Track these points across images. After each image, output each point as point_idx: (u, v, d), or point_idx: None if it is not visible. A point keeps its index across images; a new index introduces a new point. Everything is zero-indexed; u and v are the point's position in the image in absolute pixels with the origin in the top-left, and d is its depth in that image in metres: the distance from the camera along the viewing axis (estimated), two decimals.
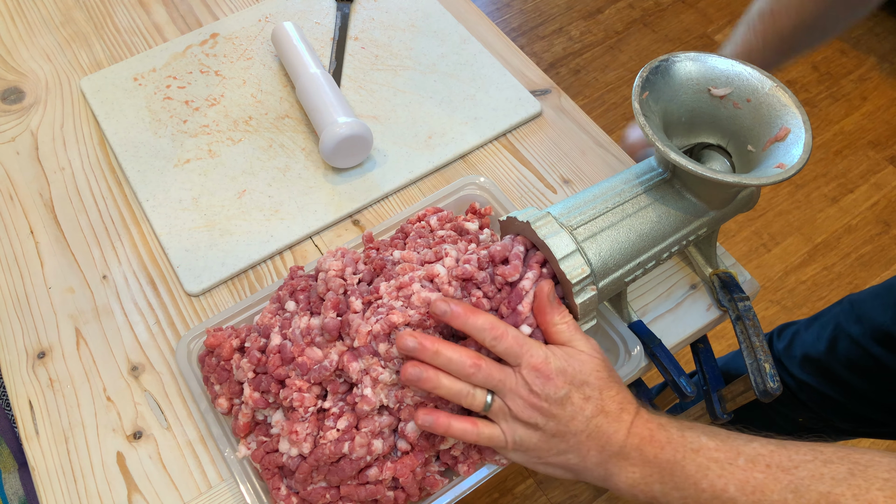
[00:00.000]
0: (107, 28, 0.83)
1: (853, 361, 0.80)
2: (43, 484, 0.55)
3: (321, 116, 0.68)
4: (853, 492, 0.40)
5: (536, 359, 0.47)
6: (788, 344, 0.91)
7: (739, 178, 0.49)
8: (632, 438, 0.46)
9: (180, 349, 0.57)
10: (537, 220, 0.50)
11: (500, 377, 0.47)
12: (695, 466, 0.44)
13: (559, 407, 0.46)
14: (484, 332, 0.47)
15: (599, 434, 0.46)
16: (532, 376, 0.46)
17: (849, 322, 0.81)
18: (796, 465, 0.43)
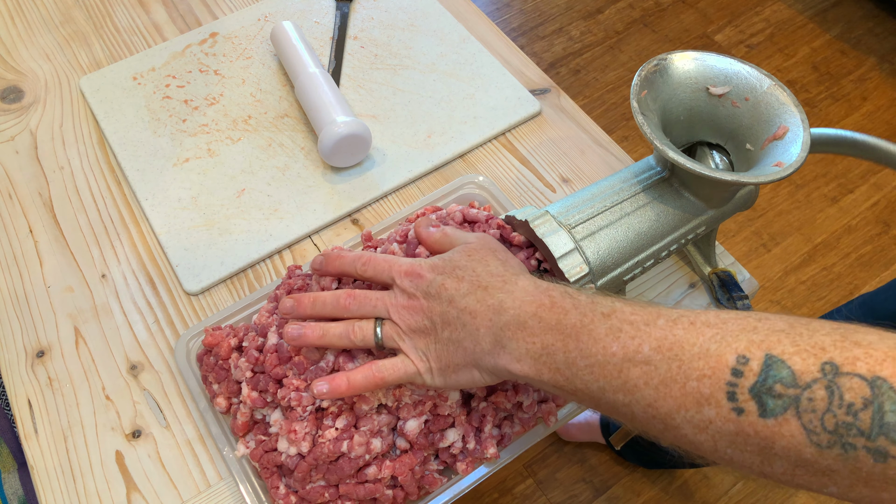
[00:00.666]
0: (106, 27, 0.83)
1: None
2: (42, 483, 0.55)
3: (320, 115, 0.68)
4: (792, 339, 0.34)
5: (405, 265, 0.46)
6: None
7: (738, 177, 0.49)
8: (527, 307, 0.41)
9: (179, 348, 0.57)
10: (536, 218, 0.50)
11: (377, 297, 0.46)
12: (605, 329, 0.39)
13: (436, 299, 0.44)
14: (353, 266, 0.47)
15: (483, 309, 0.42)
16: (406, 283, 0.46)
17: (857, 314, 0.81)
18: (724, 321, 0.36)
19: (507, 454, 0.53)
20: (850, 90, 1.78)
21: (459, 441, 0.51)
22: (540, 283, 0.43)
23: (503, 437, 0.52)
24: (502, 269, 0.45)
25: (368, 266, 0.47)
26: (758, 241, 1.55)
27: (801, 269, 1.51)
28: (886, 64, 1.83)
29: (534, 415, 0.53)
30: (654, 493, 1.26)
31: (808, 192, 1.62)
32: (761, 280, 1.49)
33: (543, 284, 0.43)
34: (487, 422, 0.51)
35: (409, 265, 0.46)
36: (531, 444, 0.53)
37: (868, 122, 1.72)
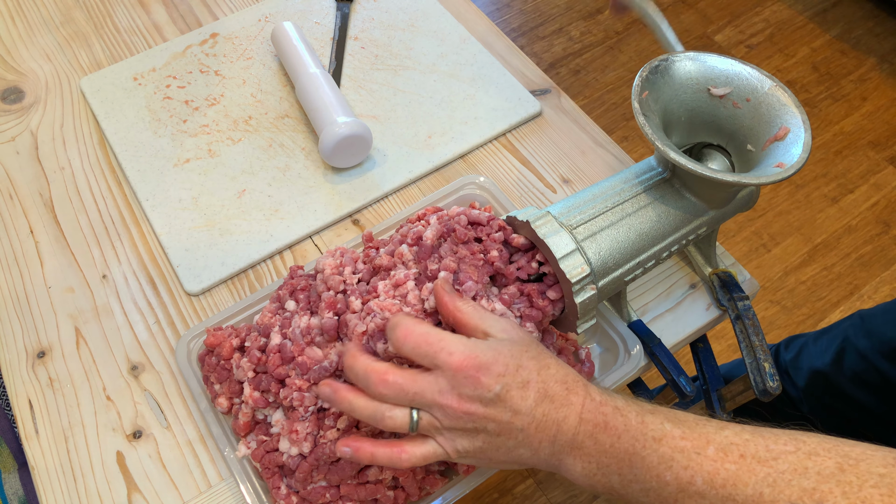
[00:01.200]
0: (106, 28, 0.83)
1: (859, 375, 0.79)
2: (43, 483, 0.55)
3: (321, 116, 0.68)
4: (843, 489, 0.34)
5: (456, 357, 0.41)
6: (796, 356, 0.90)
7: (739, 178, 0.49)
8: (584, 425, 0.41)
9: (180, 348, 0.57)
10: (537, 219, 0.50)
11: (416, 390, 0.41)
12: (657, 457, 0.39)
13: (497, 406, 0.41)
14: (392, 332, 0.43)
15: (548, 423, 0.41)
16: (456, 380, 0.41)
17: (857, 336, 0.81)
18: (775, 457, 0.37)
19: None
20: (850, 90, 1.78)
21: None
22: (593, 394, 0.42)
23: None
24: (563, 374, 0.42)
25: (404, 343, 0.42)
26: (758, 242, 1.55)
27: (801, 270, 1.51)
28: (886, 64, 1.83)
29: None
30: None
31: (808, 193, 1.62)
32: (761, 280, 1.49)
33: (597, 397, 0.42)
34: None
35: (461, 359, 0.41)
36: None
37: (868, 122, 1.72)
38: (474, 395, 0.41)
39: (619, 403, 0.42)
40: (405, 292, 0.50)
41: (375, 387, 0.42)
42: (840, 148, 1.68)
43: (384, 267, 0.52)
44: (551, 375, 0.42)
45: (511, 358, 0.42)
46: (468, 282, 0.50)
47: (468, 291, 0.50)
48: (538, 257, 0.51)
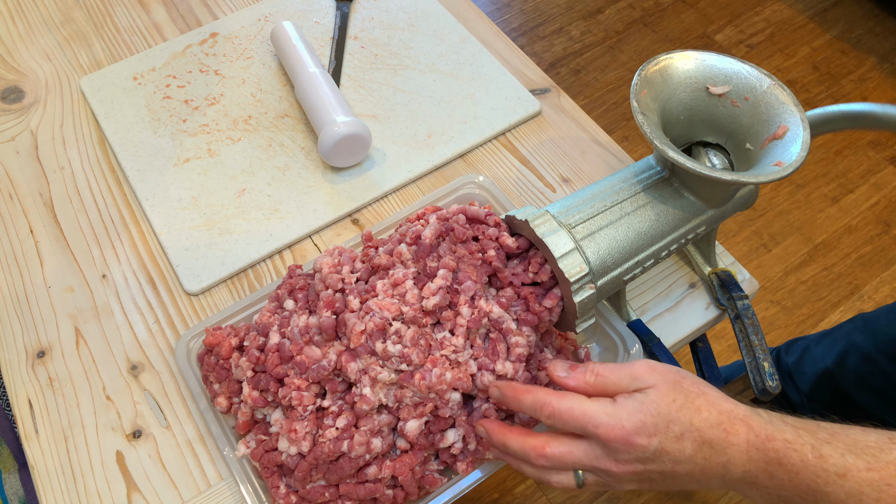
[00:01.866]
0: (106, 27, 0.83)
1: (863, 378, 0.79)
2: (43, 483, 0.55)
3: (320, 116, 0.68)
4: None
5: (604, 429, 0.41)
6: (798, 360, 0.90)
7: (737, 177, 0.49)
8: (754, 464, 0.41)
9: (179, 348, 0.57)
10: (536, 218, 0.50)
11: (573, 461, 0.43)
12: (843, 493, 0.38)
13: (656, 462, 0.41)
14: (536, 413, 0.44)
15: (712, 466, 0.41)
16: (611, 449, 0.42)
17: (861, 338, 0.80)
18: None
19: None
20: (850, 90, 1.78)
21: (460, 441, 0.51)
22: (758, 428, 0.41)
23: None
24: (716, 414, 0.42)
25: (554, 420, 0.43)
26: (758, 241, 1.55)
27: (801, 269, 1.51)
28: (886, 64, 1.82)
29: None
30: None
31: (809, 192, 1.61)
32: (761, 280, 1.49)
33: (762, 432, 0.41)
34: None
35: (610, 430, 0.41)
36: None
37: None
38: (631, 458, 0.42)
39: (790, 436, 0.41)
40: (404, 291, 0.50)
41: (536, 461, 0.44)
42: (840, 148, 1.68)
43: (383, 266, 0.52)
44: (704, 420, 0.41)
45: (658, 416, 0.41)
46: (467, 282, 0.50)
47: (467, 291, 0.50)
48: (536, 260, 0.51)
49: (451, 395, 0.49)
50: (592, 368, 0.45)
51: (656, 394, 0.42)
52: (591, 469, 0.43)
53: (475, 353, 0.50)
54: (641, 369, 0.44)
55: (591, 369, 0.45)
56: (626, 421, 0.41)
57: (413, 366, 0.48)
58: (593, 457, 0.43)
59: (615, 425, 0.41)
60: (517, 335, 0.50)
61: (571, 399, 0.43)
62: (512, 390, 0.46)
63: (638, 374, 0.44)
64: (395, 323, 0.49)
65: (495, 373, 0.50)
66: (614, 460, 0.42)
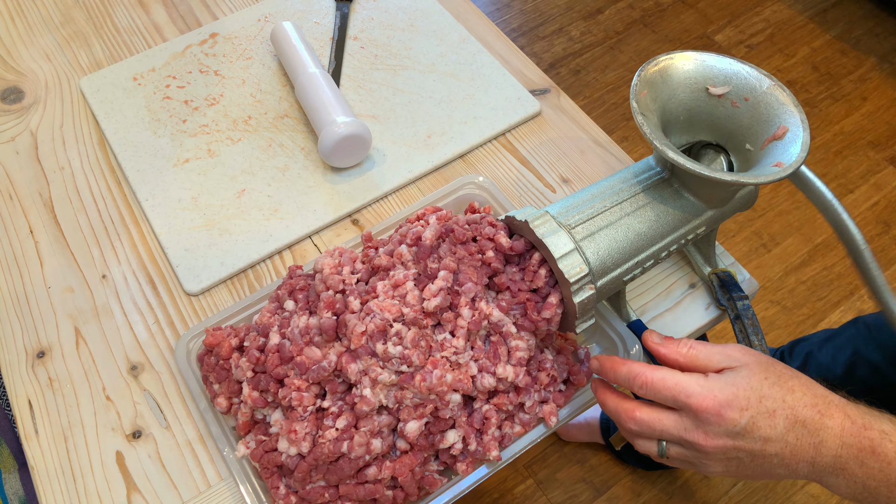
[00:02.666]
0: (106, 28, 0.83)
1: (872, 388, 0.79)
2: (42, 483, 0.55)
3: (320, 116, 0.68)
4: None
5: (696, 399, 0.42)
6: (803, 364, 0.90)
7: (737, 177, 0.49)
8: (847, 450, 0.41)
9: (179, 348, 0.57)
10: (536, 218, 0.50)
11: (662, 428, 0.43)
12: None
13: (745, 438, 0.41)
14: (629, 383, 0.45)
15: (803, 447, 0.41)
16: (701, 420, 0.42)
17: (868, 348, 0.80)
18: None
19: (508, 454, 0.53)
20: (850, 90, 1.78)
21: (460, 442, 0.51)
22: (854, 416, 0.41)
23: (504, 437, 0.52)
24: (811, 396, 0.42)
25: (646, 390, 0.44)
26: (758, 242, 1.55)
27: (801, 270, 1.51)
28: (886, 64, 1.83)
29: (535, 415, 0.53)
30: (654, 494, 1.26)
31: None
32: (761, 280, 1.49)
33: (858, 420, 0.41)
34: (491, 424, 0.51)
35: (702, 401, 0.41)
36: (532, 444, 0.53)
37: (868, 122, 1.72)
38: (721, 431, 0.42)
39: (887, 427, 0.41)
40: (404, 292, 0.50)
41: (625, 423, 0.45)
42: (840, 148, 1.68)
43: (383, 267, 0.52)
44: (798, 399, 0.42)
45: (751, 390, 0.42)
46: (468, 283, 0.50)
47: (468, 293, 0.50)
48: (531, 268, 0.51)
49: (451, 396, 0.49)
50: (686, 342, 0.46)
51: (748, 371, 0.42)
52: (678, 440, 0.43)
53: (475, 354, 0.50)
54: (734, 350, 0.44)
55: (685, 342, 0.46)
56: (719, 392, 0.41)
57: (413, 367, 0.48)
58: (682, 428, 0.43)
59: (707, 395, 0.41)
60: (517, 339, 0.50)
61: (664, 371, 0.44)
62: (610, 362, 0.47)
63: (730, 353, 0.44)
64: (395, 324, 0.49)
65: (496, 376, 0.50)
66: (703, 433, 0.42)
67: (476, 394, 0.51)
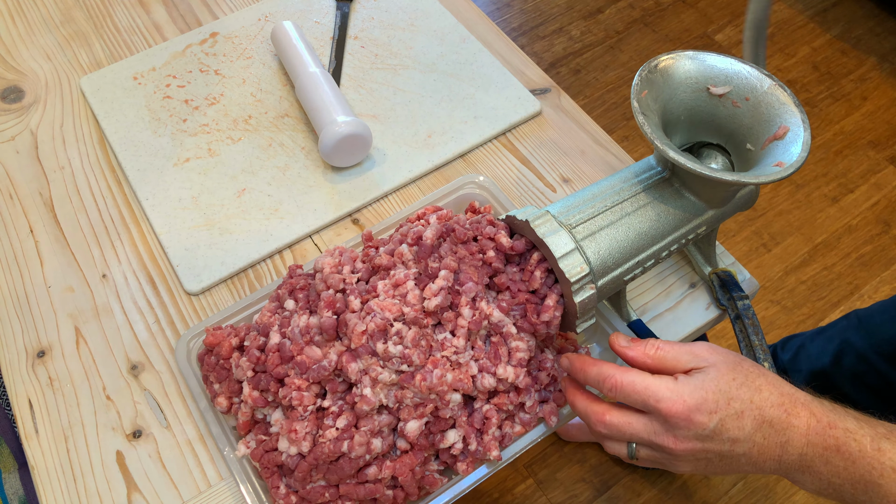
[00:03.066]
0: (106, 27, 0.83)
1: (858, 377, 0.79)
2: (43, 483, 0.55)
3: (320, 115, 0.68)
4: None
5: (665, 404, 0.42)
6: (794, 356, 0.90)
7: (738, 177, 0.49)
8: (812, 448, 0.41)
9: (180, 348, 0.57)
10: (536, 218, 0.50)
11: (632, 432, 0.44)
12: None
13: (714, 440, 0.42)
14: (599, 385, 0.45)
15: (770, 446, 0.42)
16: (671, 424, 0.42)
17: (856, 336, 0.80)
18: None
19: (508, 454, 0.53)
20: (850, 90, 1.78)
21: (460, 442, 0.51)
22: (819, 414, 0.42)
23: (504, 436, 0.52)
24: (777, 395, 0.42)
25: (616, 393, 0.44)
26: (758, 241, 1.55)
27: (801, 269, 1.51)
28: (887, 64, 1.82)
29: (535, 415, 0.53)
30: (654, 494, 1.26)
31: (809, 192, 1.61)
32: (761, 280, 1.49)
33: (824, 418, 0.42)
34: (491, 424, 0.51)
35: (671, 405, 0.42)
36: (532, 443, 0.53)
37: (868, 122, 1.72)
38: (690, 435, 0.42)
39: (850, 425, 0.41)
40: (405, 292, 0.50)
41: (595, 426, 0.45)
42: (840, 147, 1.68)
43: (383, 266, 0.52)
44: (765, 399, 0.42)
45: (719, 392, 0.42)
46: (468, 283, 0.50)
47: (468, 293, 0.50)
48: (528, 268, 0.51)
49: (451, 396, 0.49)
50: (653, 343, 0.46)
51: (716, 372, 0.43)
52: (648, 444, 0.44)
53: (476, 354, 0.50)
54: (702, 349, 0.45)
55: (652, 343, 0.46)
56: (688, 397, 0.42)
57: (414, 367, 0.48)
58: (652, 431, 0.43)
59: (676, 400, 0.42)
60: (517, 340, 0.51)
61: (634, 374, 0.44)
62: (580, 362, 0.47)
63: (698, 352, 0.44)
64: (396, 324, 0.49)
65: (496, 376, 0.50)
66: (673, 436, 0.43)
67: (476, 393, 0.51)
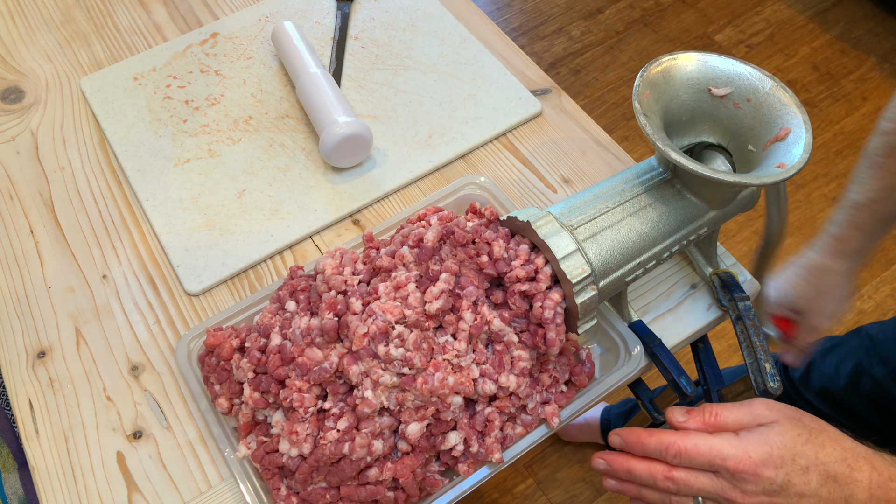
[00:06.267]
0: (107, 28, 0.82)
1: (875, 401, 0.80)
2: (43, 483, 0.55)
3: (321, 116, 0.68)
4: None
5: (732, 462, 0.43)
6: (805, 373, 0.90)
7: (740, 178, 0.49)
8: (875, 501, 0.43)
9: (180, 349, 0.57)
10: (538, 219, 0.50)
11: (700, 487, 0.45)
12: None
13: (781, 495, 0.43)
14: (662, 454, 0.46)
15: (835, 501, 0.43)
16: (738, 480, 0.43)
17: (872, 362, 0.81)
18: None
19: (509, 455, 0.52)
20: (850, 90, 1.78)
21: (461, 444, 0.51)
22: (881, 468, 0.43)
23: (505, 438, 0.52)
24: (840, 451, 0.43)
25: (681, 459, 0.45)
26: (758, 241, 1.55)
27: None
28: (886, 64, 1.83)
29: (537, 416, 0.53)
30: None
31: (809, 192, 1.62)
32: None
33: (885, 471, 0.43)
34: (494, 427, 0.51)
35: (738, 462, 0.43)
36: (533, 444, 0.53)
37: (868, 122, 1.72)
38: (758, 490, 0.43)
39: None
40: (406, 294, 0.50)
41: (662, 483, 0.46)
42: (840, 148, 1.68)
43: (384, 268, 0.52)
44: (829, 455, 0.43)
45: (784, 448, 0.43)
46: (469, 287, 0.50)
47: (469, 296, 0.50)
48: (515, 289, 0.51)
49: (452, 398, 0.49)
50: (710, 409, 0.46)
51: (780, 428, 0.44)
52: (714, 498, 0.45)
53: (477, 357, 0.50)
54: (761, 407, 0.45)
55: (710, 410, 0.46)
56: (754, 452, 0.43)
57: (415, 369, 0.48)
58: (720, 487, 0.44)
59: (742, 457, 0.43)
60: (519, 349, 0.51)
61: (695, 436, 0.45)
62: (635, 436, 0.47)
63: (758, 411, 0.45)
64: (397, 326, 0.48)
65: (499, 384, 0.50)
66: (741, 492, 0.43)
67: (477, 397, 0.51)
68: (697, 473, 0.45)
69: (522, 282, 0.50)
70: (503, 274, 0.51)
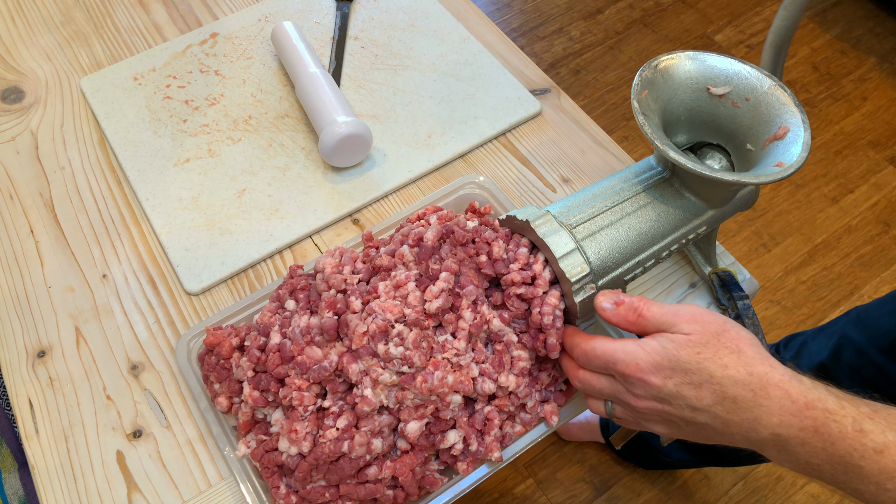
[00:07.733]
0: (107, 28, 0.83)
1: (857, 371, 0.79)
2: (43, 483, 0.55)
3: (321, 116, 0.68)
4: None
5: (622, 366, 0.44)
6: (796, 354, 0.90)
7: (738, 177, 0.49)
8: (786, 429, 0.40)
9: (180, 348, 0.57)
10: (537, 218, 0.50)
11: (599, 387, 0.47)
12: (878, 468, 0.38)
13: (672, 403, 0.43)
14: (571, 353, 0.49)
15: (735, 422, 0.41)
16: (629, 383, 0.44)
17: (854, 331, 0.80)
18: None
19: (509, 454, 0.53)
20: (850, 90, 1.78)
21: (460, 442, 0.51)
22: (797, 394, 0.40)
23: (504, 436, 0.52)
24: (745, 374, 0.41)
25: (583, 359, 0.48)
26: (758, 241, 1.55)
27: (801, 269, 1.51)
28: (886, 64, 1.83)
29: (536, 415, 0.53)
30: (654, 493, 1.26)
31: (808, 192, 1.62)
32: (761, 280, 1.49)
33: (801, 399, 0.40)
34: (493, 426, 0.51)
35: (625, 365, 0.44)
36: (533, 443, 0.53)
37: (868, 122, 1.72)
38: (647, 394, 0.44)
39: (831, 405, 0.40)
40: (406, 293, 0.50)
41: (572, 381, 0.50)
42: (840, 148, 1.68)
43: (384, 267, 0.52)
44: (728, 377, 0.41)
45: (677, 362, 0.42)
46: (469, 286, 0.50)
47: (469, 295, 0.50)
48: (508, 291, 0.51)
49: (452, 397, 0.49)
50: (636, 307, 0.46)
51: (684, 340, 0.43)
52: (614, 399, 0.47)
53: (476, 356, 0.50)
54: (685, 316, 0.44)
55: (635, 308, 0.46)
56: (643, 360, 0.43)
57: (415, 368, 0.48)
58: (615, 389, 0.46)
59: (630, 362, 0.44)
60: (519, 349, 0.51)
61: (596, 340, 0.47)
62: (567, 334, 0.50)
63: (679, 321, 0.44)
64: (397, 325, 0.49)
65: (498, 384, 0.50)
66: (633, 395, 0.45)
67: (476, 396, 0.51)
68: (599, 375, 0.47)
69: (518, 285, 0.50)
70: (501, 275, 0.51)
